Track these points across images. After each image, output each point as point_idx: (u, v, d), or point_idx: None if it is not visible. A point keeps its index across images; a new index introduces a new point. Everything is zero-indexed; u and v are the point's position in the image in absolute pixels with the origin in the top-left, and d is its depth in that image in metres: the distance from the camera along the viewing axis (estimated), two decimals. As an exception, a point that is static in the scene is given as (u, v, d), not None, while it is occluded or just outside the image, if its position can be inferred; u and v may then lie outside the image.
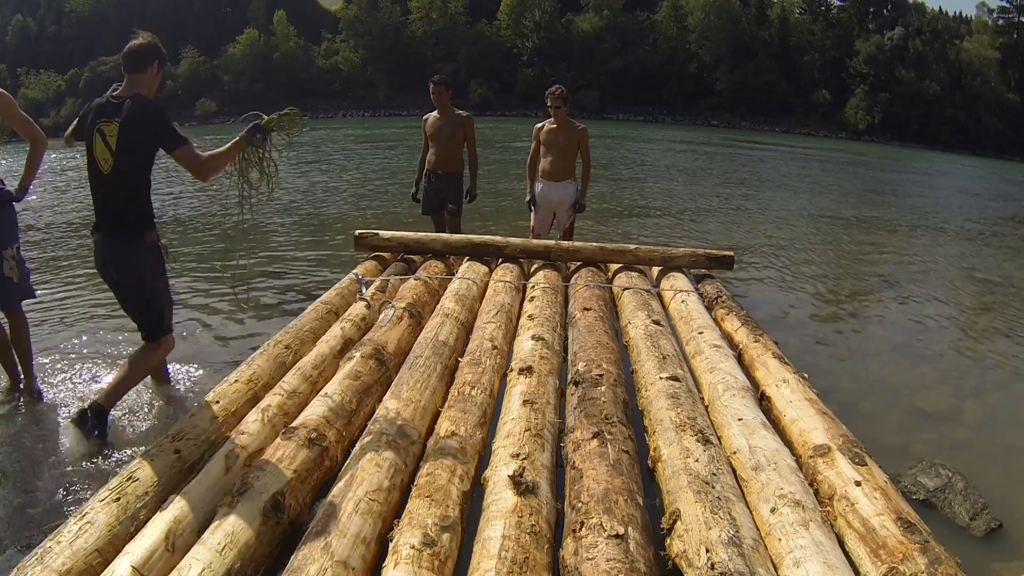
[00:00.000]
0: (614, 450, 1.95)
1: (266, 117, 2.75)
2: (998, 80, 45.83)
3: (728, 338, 3.25)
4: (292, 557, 1.54)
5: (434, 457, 1.95)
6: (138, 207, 2.53)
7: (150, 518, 1.74)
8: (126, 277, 2.59)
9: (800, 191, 12.50)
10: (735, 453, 2.10)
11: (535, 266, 4.39)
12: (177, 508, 1.74)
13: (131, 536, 1.68)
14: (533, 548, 1.56)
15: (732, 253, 4.40)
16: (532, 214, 5.04)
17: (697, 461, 1.92)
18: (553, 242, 4.52)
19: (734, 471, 2.00)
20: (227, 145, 2.56)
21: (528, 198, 5.00)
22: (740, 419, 2.25)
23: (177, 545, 1.63)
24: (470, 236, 4.62)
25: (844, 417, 2.35)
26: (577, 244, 4.55)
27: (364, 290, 3.77)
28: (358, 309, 3.41)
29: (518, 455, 1.92)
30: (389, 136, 22.61)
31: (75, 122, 2.66)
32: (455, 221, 4.95)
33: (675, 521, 1.72)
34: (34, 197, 10.34)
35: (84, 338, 3.79)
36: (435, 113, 4.82)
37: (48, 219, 8.16)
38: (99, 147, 2.44)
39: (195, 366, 3.38)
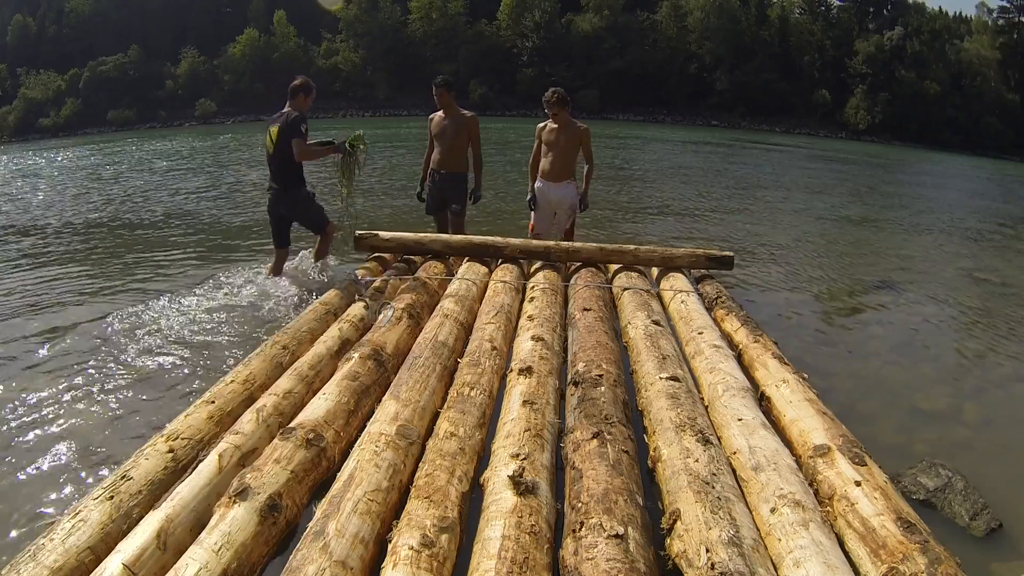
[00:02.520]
0: (614, 450, 1.95)
1: (353, 135, 4.38)
2: (998, 80, 45.78)
3: (728, 338, 3.24)
4: (291, 557, 1.54)
5: (433, 458, 1.95)
6: (290, 172, 4.25)
7: (143, 516, 1.74)
8: (291, 211, 4.47)
9: (800, 191, 12.49)
10: (735, 453, 2.09)
11: (535, 267, 4.38)
12: (169, 507, 1.73)
13: (124, 534, 1.68)
14: (533, 548, 1.56)
15: (732, 254, 4.39)
16: (532, 213, 5.04)
17: (697, 461, 1.91)
18: (553, 243, 4.52)
19: (734, 471, 2.00)
20: (322, 148, 4.30)
21: (529, 197, 4.99)
22: (740, 419, 2.24)
23: (168, 543, 1.63)
24: (470, 236, 4.61)
25: (844, 417, 2.35)
26: (577, 244, 4.54)
27: (363, 290, 3.77)
28: (357, 310, 3.41)
29: (518, 455, 1.92)
30: (404, 135, 22.61)
31: None
32: (458, 221, 4.95)
33: (675, 521, 1.71)
34: (40, 196, 10.37)
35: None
36: (440, 113, 4.82)
37: (55, 219, 8.15)
38: (268, 139, 4.26)
39: (193, 365, 3.37)
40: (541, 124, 4.85)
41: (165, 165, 15.08)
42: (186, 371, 3.32)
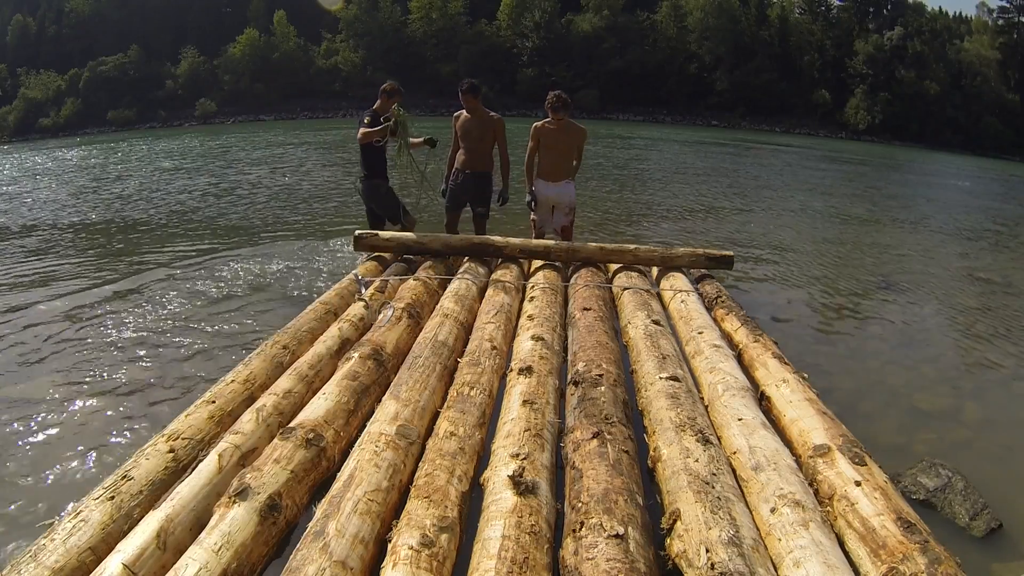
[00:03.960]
0: (614, 450, 1.95)
1: (396, 112, 4.64)
2: (998, 80, 45.73)
3: (728, 338, 3.24)
4: (291, 557, 1.54)
5: (433, 458, 1.95)
6: (366, 161, 4.92)
7: (144, 516, 1.74)
8: (369, 198, 5.06)
9: (800, 191, 12.49)
10: (735, 453, 2.09)
11: (535, 266, 4.38)
12: (169, 507, 1.73)
13: (124, 534, 1.68)
14: (533, 548, 1.56)
15: (732, 253, 4.39)
16: (532, 212, 5.03)
17: (697, 461, 1.91)
18: (553, 242, 4.52)
19: (734, 471, 2.00)
20: (375, 129, 4.67)
21: (529, 198, 4.99)
22: (740, 419, 2.24)
23: (168, 543, 1.63)
24: (470, 236, 4.62)
25: (844, 417, 2.35)
26: (577, 244, 4.54)
27: (363, 290, 3.77)
28: (357, 309, 3.40)
29: (518, 455, 1.92)
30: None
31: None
32: (482, 223, 5.01)
33: (675, 521, 1.71)
34: (43, 193, 10.37)
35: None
36: (466, 112, 4.83)
37: (57, 217, 8.15)
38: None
39: (192, 366, 3.37)
40: (538, 124, 4.83)
41: (173, 164, 15.09)
42: (191, 369, 3.32)
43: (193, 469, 1.92)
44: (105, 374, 3.28)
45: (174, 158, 16.89)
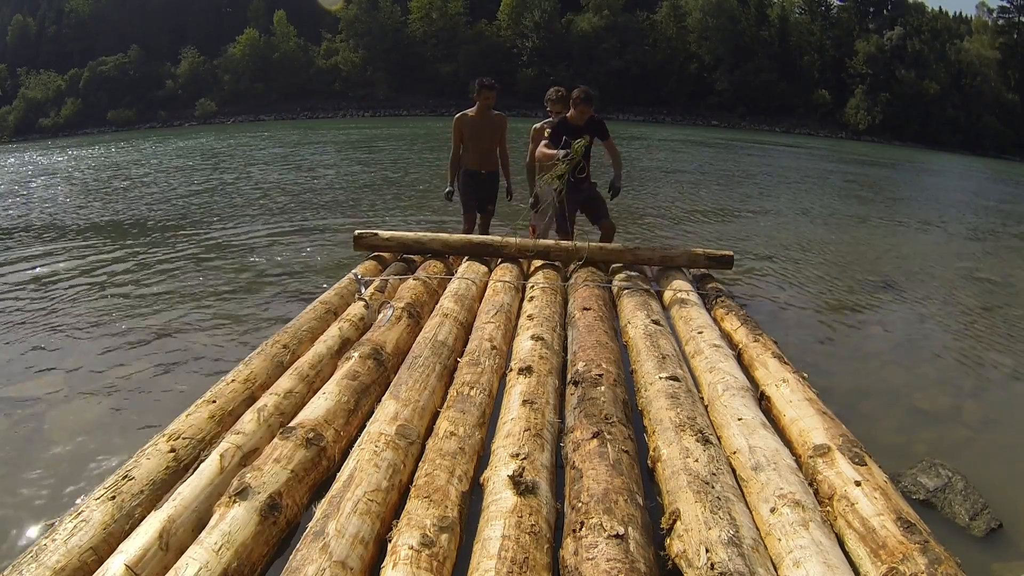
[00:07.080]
0: (614, 450, 1.95)
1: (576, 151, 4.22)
2: (998, 80, 45.77)
3: (727, 338, 3.25)
4: (291, 557, 1.54)
5: (433, 457, 1.95)
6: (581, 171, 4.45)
7: (145, 516, 1.74)
8: (585, 206, 4.78)
9: (800, 191, 12.49)
10: (735, 453, 2.09)
11: (534, 266, 4.38)
12: (171, 507, 1.73)
13: (126, 534, 1.68)
14: (533, 548, 1.56)
15: (731, 253, 4.39)
16: (533, 213, 5.03)
17: (697, 461, 1.91)
18: (553, 242, 4.52)
19: (734, 471, 2.00)
20: (558, 157, 4.25)
21: (532, 200, 4.99)
22: (740, 419, 2.24)
23: (171, 544, 1.63)
24: (469, 236, 4.62)
25: (844, 417, 2.35)
26: (577, 244, 4.54)
27: (363, 290, 3.77)
28: (357, 309, 3.41)
29: (518, 455, 1.92)
30: (407, 135, 22.71)
31: None
32: (489, 220, 5.06)
33: (675, 521, 1.71)
34: (45, 192, 10.36)
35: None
36: (471, 113, 4.78)
37: (63, 216, 8.15)
38: None
39: (192, 365, 3.37)
40: (537, 125, 4.83)
41: (181, 163, 15.09)
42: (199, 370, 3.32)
43: (195, 469, 1.92)
44: (105, 373, 3.28)
45: (182, 156, 16.89)
